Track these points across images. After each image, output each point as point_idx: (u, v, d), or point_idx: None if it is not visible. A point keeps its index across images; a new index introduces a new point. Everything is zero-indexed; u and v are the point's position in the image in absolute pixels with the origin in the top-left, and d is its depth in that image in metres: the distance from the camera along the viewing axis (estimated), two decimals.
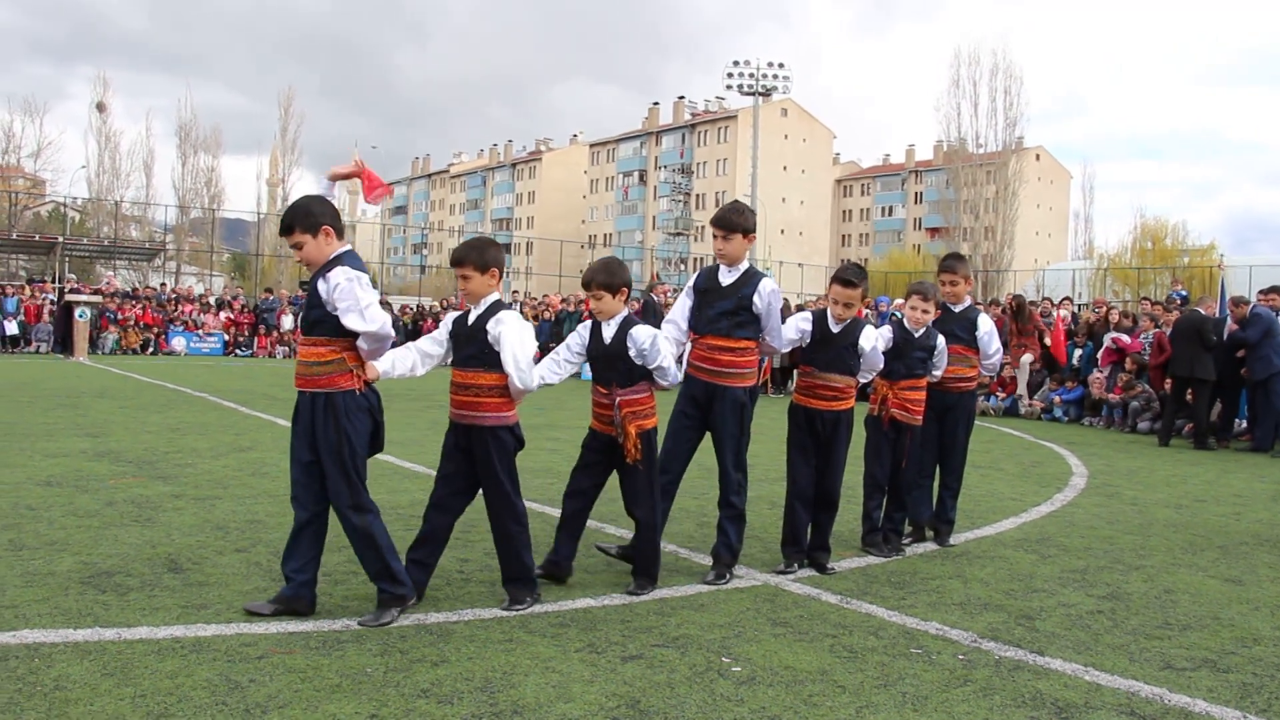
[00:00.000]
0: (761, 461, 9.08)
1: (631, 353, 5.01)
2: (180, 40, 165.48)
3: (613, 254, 5.55)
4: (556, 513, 5.42)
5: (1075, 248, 76.77)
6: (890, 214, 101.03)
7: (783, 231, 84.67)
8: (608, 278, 5.08)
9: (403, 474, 8.37)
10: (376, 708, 3.44)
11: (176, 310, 30.92)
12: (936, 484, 6.64)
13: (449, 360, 4.85)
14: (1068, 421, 16.06)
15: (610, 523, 6.56)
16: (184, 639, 4.10)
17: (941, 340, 6.33)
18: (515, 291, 38.31)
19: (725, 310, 5.39)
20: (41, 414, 11.93)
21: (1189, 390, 13.61)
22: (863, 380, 5.94)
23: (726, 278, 5.46)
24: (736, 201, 5.81)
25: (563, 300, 26.56)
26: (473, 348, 4.69)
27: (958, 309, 6.61)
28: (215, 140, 66.43)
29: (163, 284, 37.86)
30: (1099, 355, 16.31)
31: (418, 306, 35.43)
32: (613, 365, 5.05)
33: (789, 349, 5.88)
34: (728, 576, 5.35)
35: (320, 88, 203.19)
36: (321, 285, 4.43)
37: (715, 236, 5.50)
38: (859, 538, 6.32)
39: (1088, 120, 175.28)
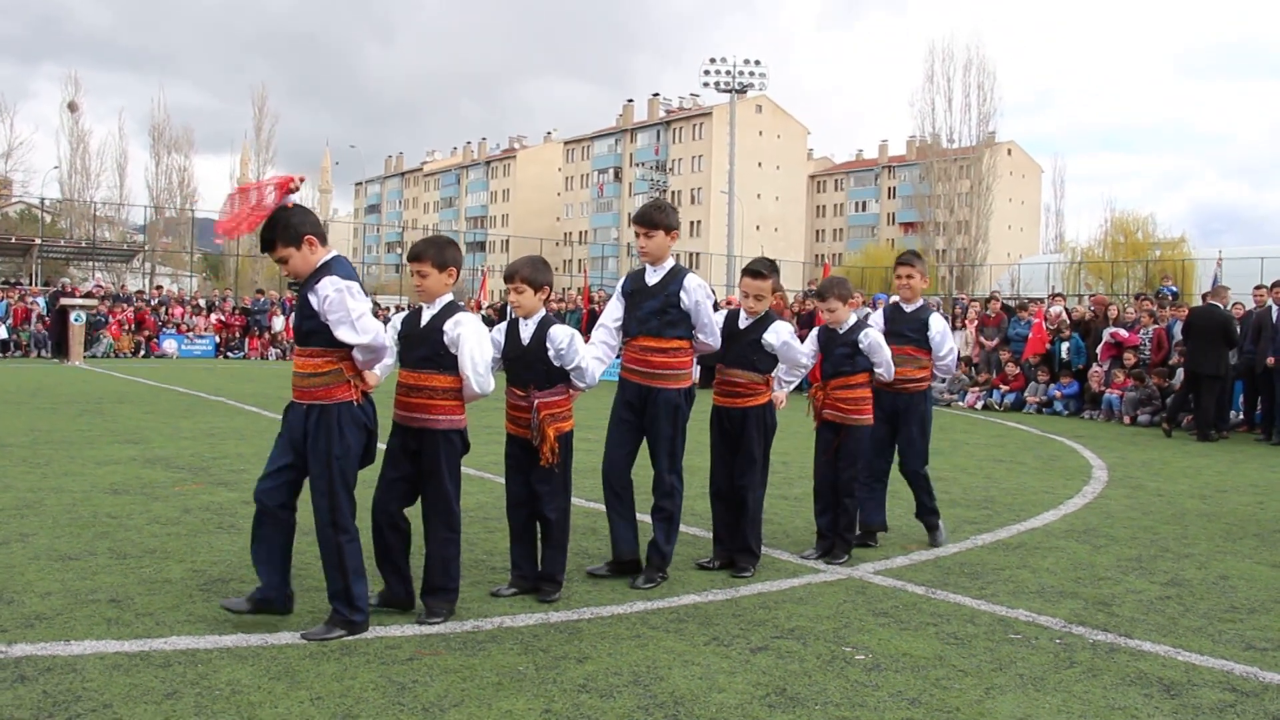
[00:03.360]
0: (795, 459, 9.36)
1: (550, 353, 4.96)
2: (146, 38, 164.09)
3: (537, 253, 5.37)
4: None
5: (1047, 241, 77.68)
6: (864, 209, 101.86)
7: (758, 228, 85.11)
8: (532, 272, 5.02)
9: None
10: (546, 704, 3.68)
11: (167, 313, 30.90)
12: (909, 489, 6.56)
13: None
14: (1068, 415, 16.46)
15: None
16: (333, 642, 4.31)
17: (870, 336, 6.09)
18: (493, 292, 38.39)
19: (654, 310, 5.40)
20: (70, 421, 12.03)
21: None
22: (792, 379, 5.91)
23: (652, 277, 5.47)
24: (659, 199, 5.75)
25: (559, 300, 26.71)
26: (426, 349, 4.62)
27: (909, 309, 6.52)
28: (187, 140, 65.95)
29: (158, 287, 37.70)
30: (1099, 350, 16.70)
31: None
32: (530, 366, 4.99)
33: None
34: (657, 580, 5.35)
35: (290, 86, 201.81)
36: (312, 297, 4.32)
37: (638, 235, 5.49)
38: (913, 534, 6.59)
39: (1057, 114, 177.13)
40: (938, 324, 6.49)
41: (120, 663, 3.99)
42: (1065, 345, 17.43)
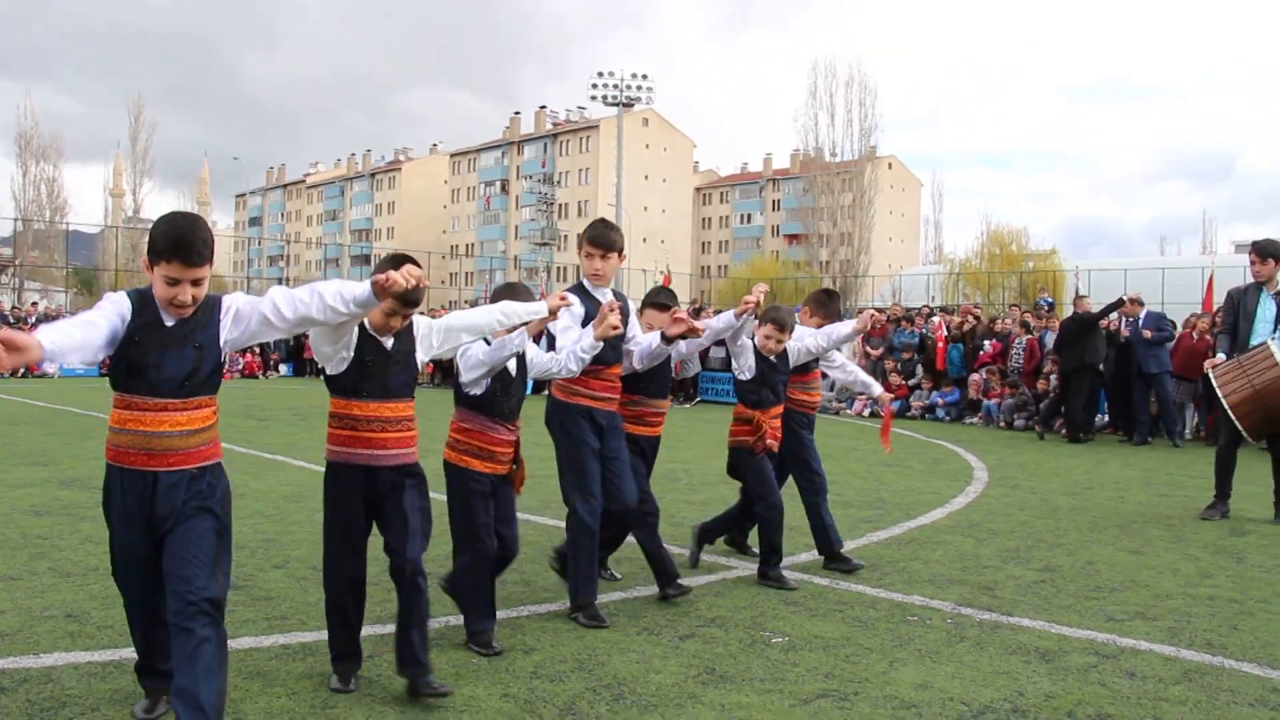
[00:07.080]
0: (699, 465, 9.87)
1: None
2: (11, 39, 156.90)
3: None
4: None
5: (926, 252, 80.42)
6: (749, 221, 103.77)
7: (645, 240, 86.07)
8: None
9: None
10: (504, 689, 4.10)
11: None
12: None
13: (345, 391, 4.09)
14: (950, 421, 17.40)
15: None
16: (292, 645, 4.62)
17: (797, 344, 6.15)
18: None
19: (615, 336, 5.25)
20: None
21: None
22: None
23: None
24: (606, 219, 5.66)
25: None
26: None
27: None
28: (56, 148, 63.97)
29: (33, 304, 36.54)
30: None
31: None
32: (518, 397, 4.78)
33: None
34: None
35: (168, 93, 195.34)
36: (227, 320, 3.54)
37: (591, 255, 5.29)
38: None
39: (938, 131, 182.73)
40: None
41: (95, 671, 4.24)
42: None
